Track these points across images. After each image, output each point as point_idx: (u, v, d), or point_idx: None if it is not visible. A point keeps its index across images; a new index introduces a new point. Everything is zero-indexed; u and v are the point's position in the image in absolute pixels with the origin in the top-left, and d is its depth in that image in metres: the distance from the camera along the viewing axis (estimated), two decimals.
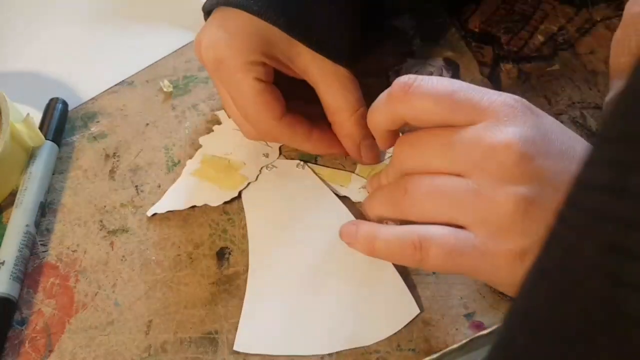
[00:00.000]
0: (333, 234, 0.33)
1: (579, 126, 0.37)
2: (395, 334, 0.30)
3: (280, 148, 0.38)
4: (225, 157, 0.37)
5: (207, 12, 0.35)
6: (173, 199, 0.36)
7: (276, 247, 0.34)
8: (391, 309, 0.31)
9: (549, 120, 0.28)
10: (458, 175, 0.27)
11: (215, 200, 0.36)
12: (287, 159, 0.37)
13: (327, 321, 0.31)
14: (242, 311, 0.32)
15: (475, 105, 0.27)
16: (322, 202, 0.35)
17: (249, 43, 0.31)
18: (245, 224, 0.35)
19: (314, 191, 0.36)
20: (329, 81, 0.33)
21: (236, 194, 0.36)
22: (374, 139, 0.32)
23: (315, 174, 0.36)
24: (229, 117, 0.38)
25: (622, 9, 0.31)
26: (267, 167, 0.37)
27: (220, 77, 0.33)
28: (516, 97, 0.27)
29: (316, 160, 0.37)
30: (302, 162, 0.37)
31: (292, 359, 0.30)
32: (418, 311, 0.30)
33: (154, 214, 0.36)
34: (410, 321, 0.30)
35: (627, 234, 0.13)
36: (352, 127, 0.33)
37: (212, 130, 0.39)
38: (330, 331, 0.30)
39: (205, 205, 0.36)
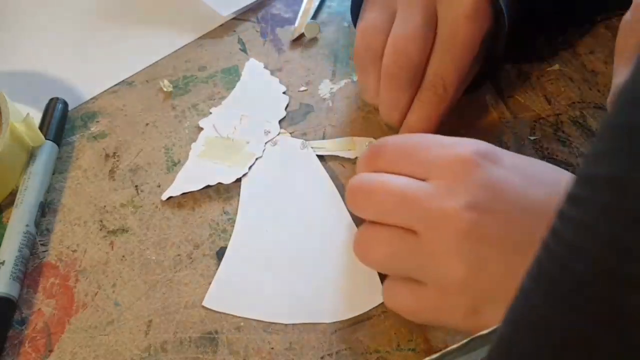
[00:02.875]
0: (320, 218, 0.35)
1: (579, 126, 0.37)
2: (395, 333, 0.30)
3: (279, 123, 0.39)
4: (228, 137, 0.38)
5: None
6: (185, 181, 0.37)
7: (263, 220, 0.35)
8: (357, 293, 0.32)
9: (511, 163, 0.27)
10: (411, 230, 0.27)
11: (228, 178, 0.36)
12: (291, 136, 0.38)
13: (294, 294, 0.32)
14: (218, 270, 0.33)
15: (430, 163, 0.28)
16: (317, 187, 0.36)
17: None
18: None
19: (312, 174, 0.36)
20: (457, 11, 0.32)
21: (247, 170, 0.37)
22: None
23: (319, 149, 0.37)
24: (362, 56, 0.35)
25: (622, 9, 0.31)
26: (271, 142, 0.38)
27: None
28: (475, 144, 0.27)
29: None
30: (305, 142, 0.38)
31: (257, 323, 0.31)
32: (382, 300, 0.31)
33: (169, 198, 0.36)
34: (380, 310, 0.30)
35: (627, 232, 0.13)
36: (440, 65, 0.33)
37: (211, 113, 0.40)
38: (294, 303, 0.32)
39: (206, 205, 0.36)
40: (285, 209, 0.35)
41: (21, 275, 0.33)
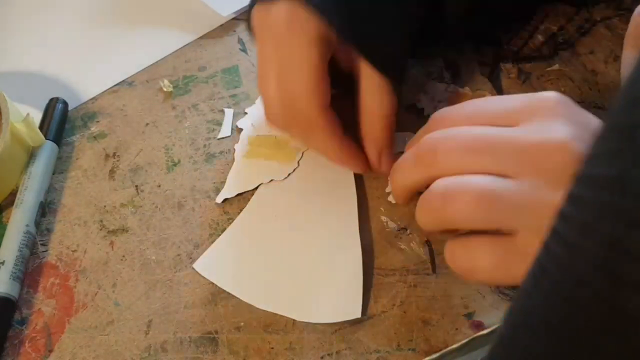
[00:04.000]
0: (329, 219, 0.34)
1: None
2: (395, 333, 0.30)
3: None
4: (270, 134, 0.38)
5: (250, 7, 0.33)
6: (238, 182, 0.37)
7: (275, 207, 0.35)
8: (337, 303, 0.31)
9: (592, 117, 0.26)
10: (505, 176, 0.24)
11: (280, 175, 0.36)
12: None
13: (278, 284, 0.32)
14: (217, 240, 0.34)
15: (512, 115, 0.25)
16: (339, 188, 0.35)
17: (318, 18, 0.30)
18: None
19: (338, 175, 0.36)
20: (374, 80, 0.32)
21: (297, 165, 0.36)
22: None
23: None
24: (260, 92, 0.34)
25: (622, 9, 0.31)
26: None
27: (282, 41, 0.30)
28: (555, 92, 0.26)
29: None
30: None
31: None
32: (359, 315, 0.31)
33: (224, 200, 0.36)
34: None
35: (627, 233, 0.13)
36: (380, 131, 0.33)
37: (246, 113, 0.40)
38: (276, 292, 0.32)
39: (206, 205, 0.36)
40: (301, 204, 0.35)
41: (21, 275, 0.33)
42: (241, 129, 0.39)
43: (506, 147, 0.24)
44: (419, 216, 0.27)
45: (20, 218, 0.35)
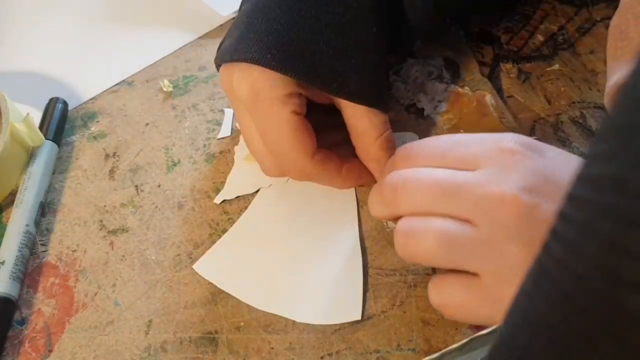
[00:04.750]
0: (329, 222, 0.34)
1: (579, 126, 0.37)
2: (395, 333, 0.30)
3: None
4: None
5: (218, 65, 0.34)
6: (238, 185, 0.36)
7: (277, 209, 0.35)
8: (337, 305, 0.31)
9: (553, 154, 0.27)
10: (466, 221, 0.26)
11: (280, 179, 0.36)
12: None
13: (278, 285, 0.32)
14: (218, 241, 0.34)
15: (474, 156, 0.27)
16: (338, 192, 0.35)
17: (285, 76, 0.30)
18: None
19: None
20: (357, 108, 0.32)
21: None
22: None
23: None
24: (250, 151, 0.35)
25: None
26: None
27: (254, 110, 0.31)
28: (516, 137, 0.27)
29: None
30: None
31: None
32: (359, 318, 0.31)
33: (223, 201, 0.36)
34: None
35: (627, 232, 0.13)
36: (378, 151, 0.33)
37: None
38: (276, 294, 0.32)
39: (206, 205, 0.36)
40: (300, 205, 0.35)
41: (21, 275, 0.33)
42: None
43: (463, 195, 0.26)
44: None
45: (20, 218, 0.35)
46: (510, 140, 0.27)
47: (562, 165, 0.27)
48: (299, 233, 0.34)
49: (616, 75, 0.29)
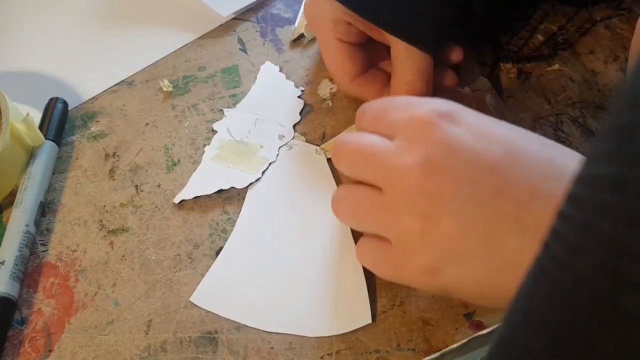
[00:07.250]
0: (322, 230, 0.34)
1: (578, 126, 0.37)
2: (395, 333, 0.30)
3: (294, 127, 0.39)
4: (242, 141, 0.38)
5: None
6: (199, 185, 0.36)
7: (264, 224, 0.35)
8: (345, 312, 0.31)
9: (471, 120, 0.27)
10: (378, 188, 0.28)
11: (241, 183, 0.36)
12: (307, 142, 0.38)
13: (281, 302, 0.32)
14: (211, 268, 0.33)
15: (395, 123, 0.28)
16: (324, 198, 0.35)
17: (336, 2, 0.34)
18: None
19: (322, 185, 0.36)
20: (400, 45, 0.34)
21: (260, 175, 0.36)
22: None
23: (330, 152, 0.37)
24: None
25: (622, 9, 0.31)
26: (286, 145, 0.38)
27: (315, 32, 0.38)
28: (435, 106, 0.27)
29: None
30: (320, 148, 0.37)
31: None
32: (370, 321, 0.31)
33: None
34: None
35: (627, 232, 0.13)
36: (405, 93, 0.34)
37: (225, 116, 0.40)
38: (279, 312, 0.32)
39: (206, 205, 0.36)
40: (288, 216, 0.35)
41: (21, 275, 0.33)
42: (216, 131, 0.39)
43: (377, 164, 0.27)
44: None
45: (20, 218, 0.35)
46: (426, 107, 0.27)
47: (476, 132, 0.26)
48: (292, 246, 0.34)
49: None
